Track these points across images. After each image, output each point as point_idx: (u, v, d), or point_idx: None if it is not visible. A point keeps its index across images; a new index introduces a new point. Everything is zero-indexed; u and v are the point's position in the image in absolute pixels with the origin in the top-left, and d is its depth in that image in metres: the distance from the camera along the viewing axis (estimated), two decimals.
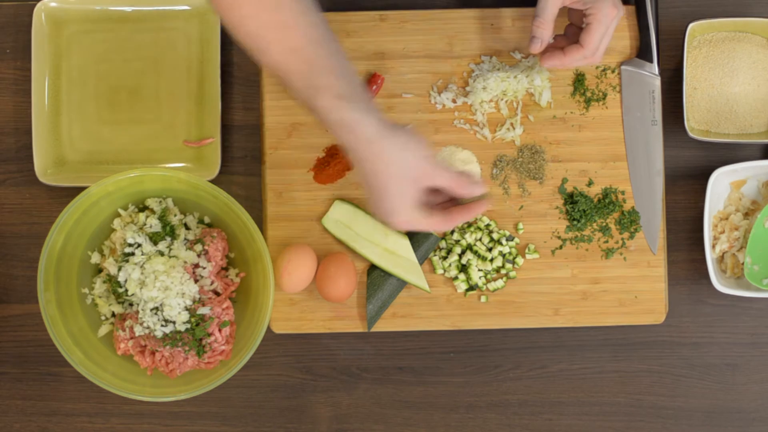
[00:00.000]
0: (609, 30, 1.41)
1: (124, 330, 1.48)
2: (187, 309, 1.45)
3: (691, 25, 1.51)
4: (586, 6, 1.40)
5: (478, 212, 1.37)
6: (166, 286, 1.46)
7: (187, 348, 1.46)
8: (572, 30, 1.46)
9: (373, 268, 1.53)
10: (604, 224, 1.54)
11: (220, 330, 1.47)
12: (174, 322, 1.44)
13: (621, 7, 1.41)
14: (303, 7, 1.27)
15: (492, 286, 1.53)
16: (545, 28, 1.41)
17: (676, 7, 1.57)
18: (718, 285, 1.49)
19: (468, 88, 1.54)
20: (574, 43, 1.42)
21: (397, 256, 1.52)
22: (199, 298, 1.47)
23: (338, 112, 1.27)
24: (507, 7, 1.55)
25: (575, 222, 1.53)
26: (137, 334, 1.46)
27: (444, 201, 1.38)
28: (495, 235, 1.53)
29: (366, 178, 1.30)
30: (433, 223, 1.34)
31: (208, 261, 1.49)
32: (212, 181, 1.53)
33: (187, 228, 1.52)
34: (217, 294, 1.50)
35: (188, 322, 1.45)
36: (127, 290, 1.48)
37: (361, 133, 1.27)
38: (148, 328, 1.45)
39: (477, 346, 1.56)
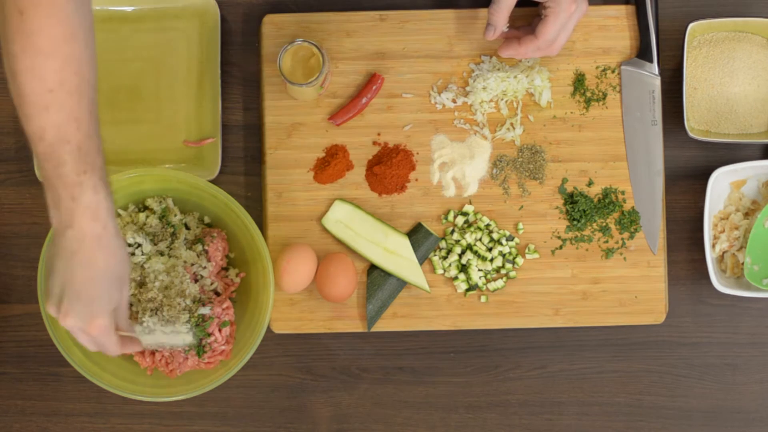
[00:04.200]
0: (567, 25, 1.42)
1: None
2: (187, 309, 1.45)
3: (691, 25, 1.51)
4: None
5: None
6: (165, 286, 1.46)
7: (187, 348, 1.46)
8: (537, 21, 1.47)
9: (373, 268, 1.53)
10: (604, 224, 1.54)
11: (220, 330, 1.47)
12: (174, 323, 1.44)
13: (582, 3, 1.42)
14: (85, 66, 1.16)
15: (492, 286, 1.53)
16: (499, 16, 1.43)
17: (676, 7, 1.57)
18: (718, 285, 1.49)
19: (468, 88, 1.54)
20: (532, 33, 1.44)
21: (397, 256, 1.52)
22: (199, 298, 1.47)
23: (96, 194, 1.19)
24: None
25: (575, 222, 1.53)
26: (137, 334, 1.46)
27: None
28: (495, 235, 1.53)
29: (77, 266, 1.21)
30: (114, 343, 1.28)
31: (208, 261, 1.49)
32: (212, 181, 1.53)
33: (187, 228, 1.52)
34: (217, 294, 1.50)
35: (188, 322, 1.45)
36: None
37: (104, 220, 1.20)
38: (148, 328, 1.45)
39: (477, 346, 1.56)
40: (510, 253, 1.53)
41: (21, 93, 1.15)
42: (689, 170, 1.57)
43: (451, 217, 1.54)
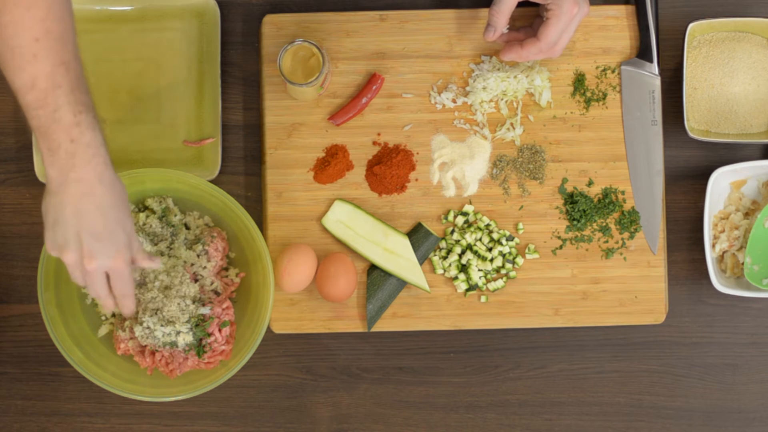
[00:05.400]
0: (569, 27, 1.42)
1: (124, 330, 1.48)
2: (187, 309, 1.45)
3: (691, 25, 1.51)
4: (546, 1, 1.41)
5: None
6: (165, 286, 1.46)
7: (187, 348, 1.46)
8: (538, 23, 1.47)
9: (373, 268, 1.53)
10: (604, 224, 1.54)
11: (220, 330, 1.47)
12: (174, 323, 1.44)
13: (584, 5, 1.42)
14: (66, 12, 1.21)
15: (492, 286, 1.53)
16: (500, 17, 1.43)
17: (676, 7, 1.57)
18: (718, 285, 1.49)
19: (468, 88, 1.54)
20: (534, 36, 1.44)
21: (397, 256, 1.52)
22: (199, 298, 1.47)
23: (93, 132, 1.22)
24: None
25: (575, 222, 1.53)
26: (137, 335, 1.46)
27: None
28: (495, 235, 1.53)
29: (89, 207, 1.24)
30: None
31: (208, 261, 1.49)
32: (212, 181, 1.53)
33: (187, 228, 1.52)
34: (217, 294, 1.50)
35: (188, 322, 1.45)
36: None
37: (104, 156, 1.23)
38: (148, 328, 1.45)
39: (477, 346, 1.56)
40: (510, 253, 1.53)
41: (8, 46, 1.18)
42: (689, 170, 1.57)
43: (451, 217, 1.54)
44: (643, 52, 1.54)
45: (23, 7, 1.17)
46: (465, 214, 1.54)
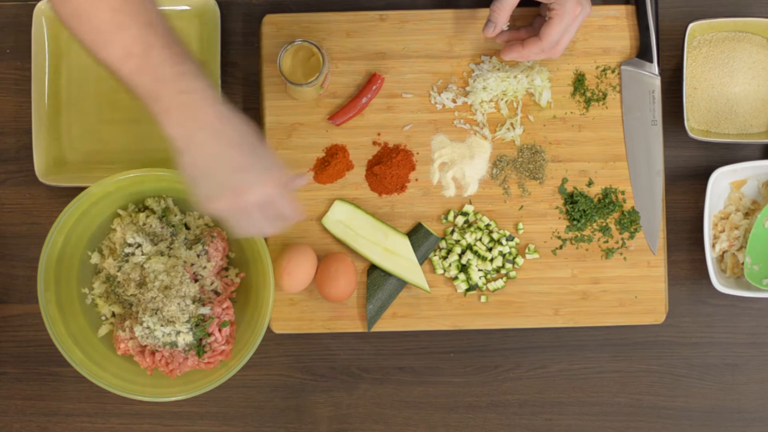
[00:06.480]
0: (571, 27, 1.43)
1: (124, 330, 1.48)
2: (187, 309, 1.45)
3: (691, 25, 1.51)
4: (549, 0, 1.41)
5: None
6: (165, 286, 1.46)
7: (187, 348, 1.46)
8: (539, 22, 1.47)
9: (373, 268, 1.53)
10: (604, 224, 1.54)
11: (220, 330, 1.47)
12: (174, 323, 1.44)
13: (587, 5, 1.42)
14: None
15: (492, 286, 1.53)
16: (502, 13, 1.43)
17: (676, 7, 1.57)
18: (718, 285, 1.49)
19: (468, 88, 1.54)
20: (535, 35, 1.44)
21: (397, 256, 1.52)
22: (199, 298, 1.47)
23: (197, 79, 1.21)
24: None
25: (575, 222, 1.53)
26: (137, 335, 1.46)
27: None
28: (495, 235, 1.53)
29: (221, 148, 1.23)
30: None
31: (208, 261, 1.49)
32: None
33: (187, 228, 1.52)
34: (217, 294, 1.50)
35: (188, 322, 1.45)
36: (126, 290, 1.48)
37: (214, 98, 1.22)
38: (148, 328, 1.45)
39: (477, 346, 1.56)
40: (510, 253, 1.53)
41: (92, 26, 1.18)
42: (689, 170, 1.57)
43: (451, 217, 1.54)
44: (643, 52, 1.54)
45: None
46: (465, 214, 1.54)
